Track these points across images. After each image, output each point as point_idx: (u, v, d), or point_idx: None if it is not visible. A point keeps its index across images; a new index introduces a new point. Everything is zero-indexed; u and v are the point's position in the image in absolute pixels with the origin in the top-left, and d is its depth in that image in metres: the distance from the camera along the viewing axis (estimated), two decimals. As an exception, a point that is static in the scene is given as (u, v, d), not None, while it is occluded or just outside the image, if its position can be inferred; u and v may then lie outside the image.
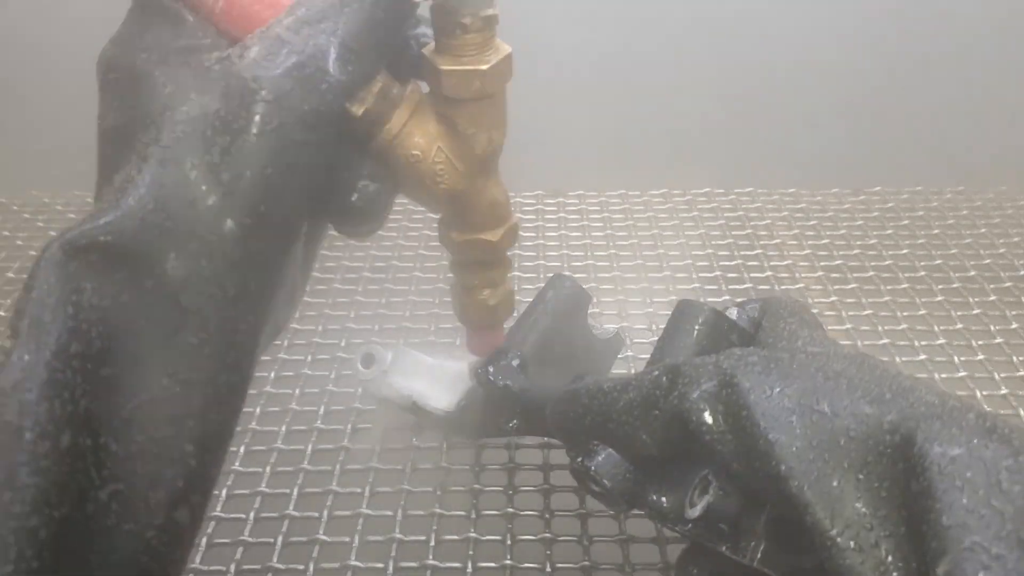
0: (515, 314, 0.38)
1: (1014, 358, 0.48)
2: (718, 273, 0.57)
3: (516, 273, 0.57)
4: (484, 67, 0.30)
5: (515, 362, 0.36)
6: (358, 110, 0.28)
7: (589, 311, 0.40)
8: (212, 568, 0.36)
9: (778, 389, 0.23)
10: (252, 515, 0.38)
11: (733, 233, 0.62)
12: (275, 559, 0.36)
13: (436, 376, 0.39)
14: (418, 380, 0.39)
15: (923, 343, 0.49)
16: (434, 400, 0.38)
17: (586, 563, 0.36)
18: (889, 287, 0.55)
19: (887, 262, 0.58)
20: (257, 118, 0.25)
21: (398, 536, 0.37)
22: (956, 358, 0.48)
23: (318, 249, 0.32)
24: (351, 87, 0.27)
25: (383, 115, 0.29)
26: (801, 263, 0.59)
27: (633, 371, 0.47)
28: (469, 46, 0.29)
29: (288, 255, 0.27)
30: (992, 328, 0.51)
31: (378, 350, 0.39)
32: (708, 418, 0.24)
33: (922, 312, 0.52)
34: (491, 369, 0.36)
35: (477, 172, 0.32)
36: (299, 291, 0.30)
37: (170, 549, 0.23)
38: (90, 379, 0.22)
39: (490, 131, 0.31)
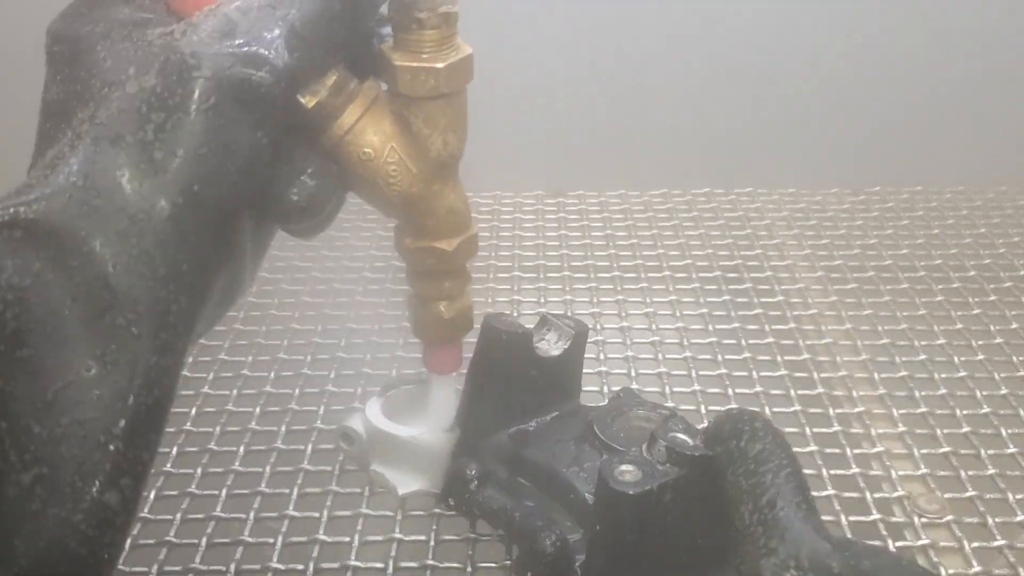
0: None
1: (1014, 358, 0.48)
2: (718, 273, 0.57)
3: (516, 273, 0.57)
4: (440, 65, 0.29)
5: (473, 484, 0.35)
6: (309, 102, 0.28)
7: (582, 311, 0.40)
8: (212, 568, 0.36)
9: None
10: (252, 515, 0.38)
11: (733, 233, 0.62)
12: (275, 559, 0.36)
13: (414, 458, 0.38)
14: (397, 464, 0.38)
15: (923, 343, 0.49)
16: (416, 485, 0.38)
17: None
18: (889, 287, 0.55)
19: (887, 262, 0.58)
20: (193, 95, 0.25)
21: (398, 536, 0.37)
22: (956, 358, 0.48)
23: (266, 245, 0.31)
24: (296, 73, 0.27)
25: (336, 109, 0.28)
26: (801, 263, 0.59)
27: (633, 372, 0.47)
28: (426, 43, 0.29)
29: (224, 237, 0.26)
30: (992, 328, 0.51)
31: (352, 429, 0.39)
32: None
33: (922, 312, 0.52)
34: (452, 502, 0.36)
35: (433, 176, 0.31)
36: (246, 284, 0.29)
37: (100, 533, 0.23)
38: (4, 361, 0.22)
39: (446, 133, 0.30)
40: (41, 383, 0.22)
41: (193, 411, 0.44)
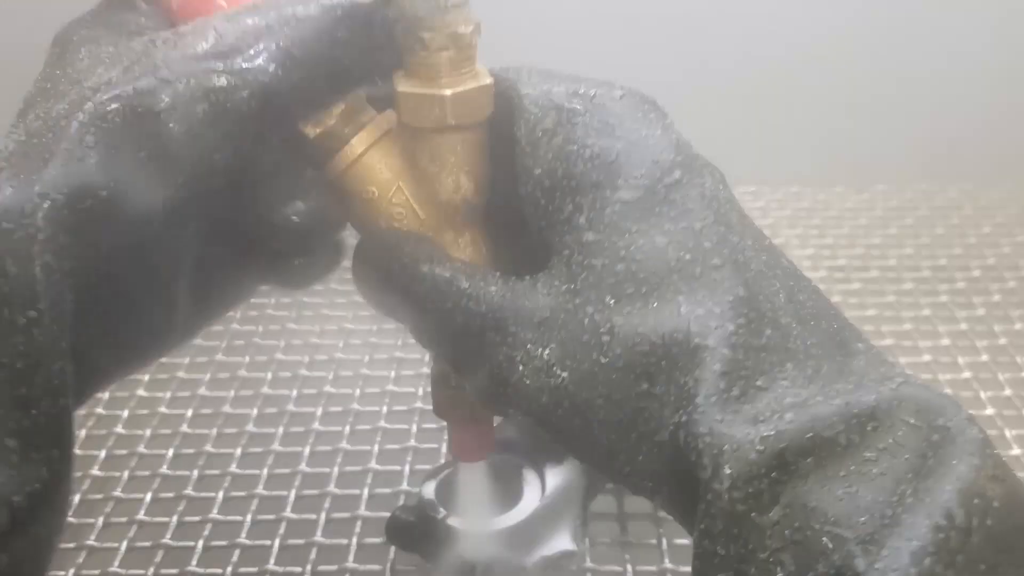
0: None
1: (1018, 359, 0.47)
2: (720, 273, 0.57)
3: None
4: (447, 92, 0.25)
5: None
6: (312, 132, 0.25)
7: None
8: (209, 571, 0.36)
9: None
10: (249, 517, 0.38)
11: (735, 232, 0.62)
12: (272, 562, 0.36)
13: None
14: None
15: (927, 344, 0.49)
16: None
17: (587, 564, 0.35)
18: (893, 287, 0.55)
19: (891, 261, 0.58)
20: (155, 98, 0.23)
21: (396, 539, 0.37)
22: (960, 359, 0.47)
23: (228, 294, 0.30)
24: (277, 90, 0.24)
25: (342, 139, 0.26)
26: (804, 262, 0.58)
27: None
28: (433, 68, 0.25)
29: (146, 242, 0.24)
30: (996, 329, 0.50)
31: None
32: None
33: (926, 312, 0.52)
34: None
35: (444, 224, 0.26)
36: (178, 324, 0.27)
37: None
38: None
39: (457, 174, 0.26)
40: None
41: (189, 413, 0.44)
